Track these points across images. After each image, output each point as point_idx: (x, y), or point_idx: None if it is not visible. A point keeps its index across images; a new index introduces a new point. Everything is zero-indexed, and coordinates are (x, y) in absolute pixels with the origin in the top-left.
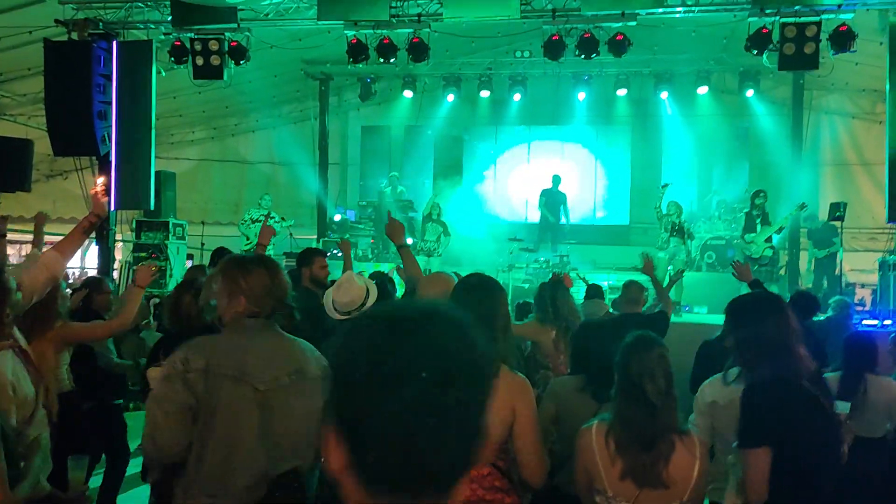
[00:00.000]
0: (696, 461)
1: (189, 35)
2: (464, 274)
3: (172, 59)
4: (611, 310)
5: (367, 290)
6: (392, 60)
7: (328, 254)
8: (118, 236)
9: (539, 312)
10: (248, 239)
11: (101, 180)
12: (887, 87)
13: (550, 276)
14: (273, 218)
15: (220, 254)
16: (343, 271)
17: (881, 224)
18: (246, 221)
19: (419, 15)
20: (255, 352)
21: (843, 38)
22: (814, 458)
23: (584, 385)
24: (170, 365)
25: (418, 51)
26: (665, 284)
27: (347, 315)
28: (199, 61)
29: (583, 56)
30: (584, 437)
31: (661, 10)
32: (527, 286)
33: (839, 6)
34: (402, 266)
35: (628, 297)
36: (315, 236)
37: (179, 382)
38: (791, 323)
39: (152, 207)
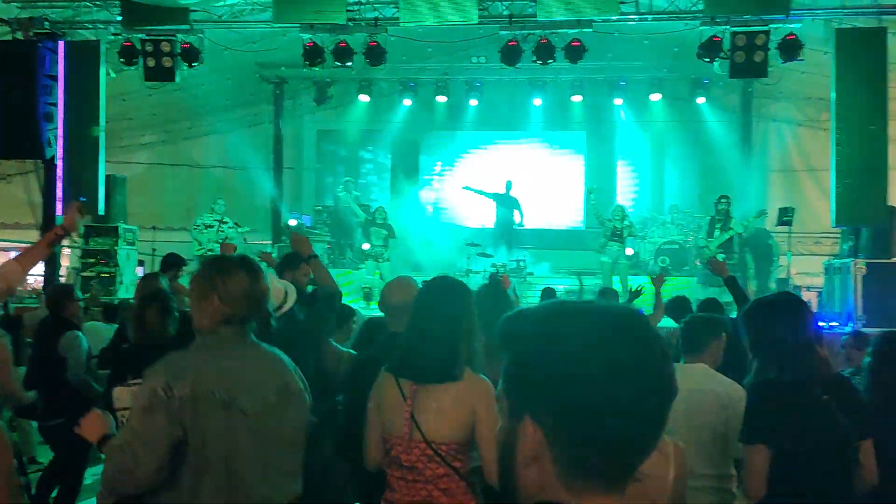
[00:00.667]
0: (671, 462)
1: (140, 36)
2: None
3: (122, 60)
4: None
5: (286, 292)
6: (348, 64)
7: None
8: (65, 242)
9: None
10: (200, 244)
11: (83, 199)
12: (832, 95)
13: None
14: (226, 223)
15: (171, 259)
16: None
17: (826, 228)
18: (199, 226)
19: (376, 19)
20: (241, 370)
21: (791, 47)
22: (816, 462)
23: None
24: (149, 393)
25: (375, 55)
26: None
27: None
28: (151, 63)
29: (539, 62)
30: None
31: (615, 17)
32: None
33: (787, 15)
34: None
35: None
36: (270, 241)
37: (163, 413)
38: (806, 325)
39: (102, 212)
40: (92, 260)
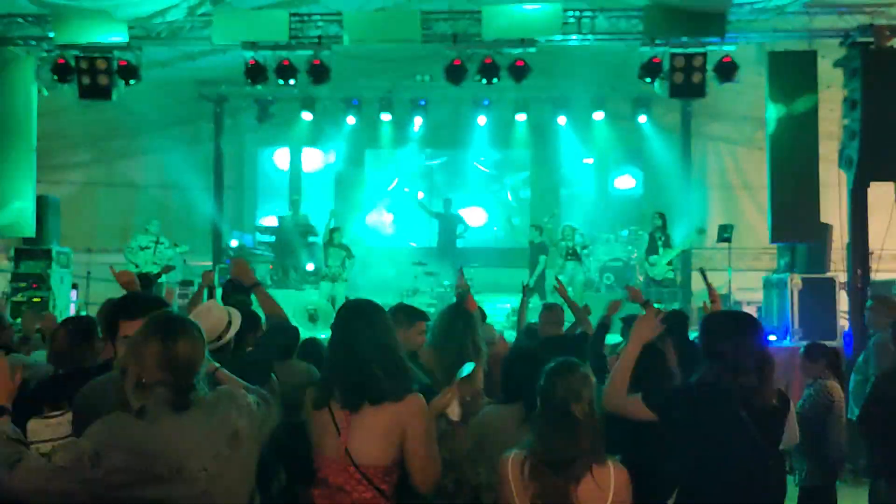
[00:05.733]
0: (609, 492)
1: (74, 53)
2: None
3: (55, 77)
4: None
5: (230, 318)
6: (291, 82)
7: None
8: None
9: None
10: (136, 266)
11: None
12: (766, 115)
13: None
14: (163, 244)
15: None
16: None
17: (764, 244)
18: (133, 248)
19: (320, 37)
20: (187, 431)
21: (727, 69)
22: (727, 471)
23: (524, 415)
24: (73, 457)
25: (318, 73)
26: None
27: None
28: (86, 80)
29: (484, 81)
30: (503, 468)
31: (558, 37)
32: (432, 310)
33: (722, 38)
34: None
35: (552, 319)
36: (210, 262)
37: (76, 483)
38: (740, 345)
39: (33, 234)
40: (23, 284)
